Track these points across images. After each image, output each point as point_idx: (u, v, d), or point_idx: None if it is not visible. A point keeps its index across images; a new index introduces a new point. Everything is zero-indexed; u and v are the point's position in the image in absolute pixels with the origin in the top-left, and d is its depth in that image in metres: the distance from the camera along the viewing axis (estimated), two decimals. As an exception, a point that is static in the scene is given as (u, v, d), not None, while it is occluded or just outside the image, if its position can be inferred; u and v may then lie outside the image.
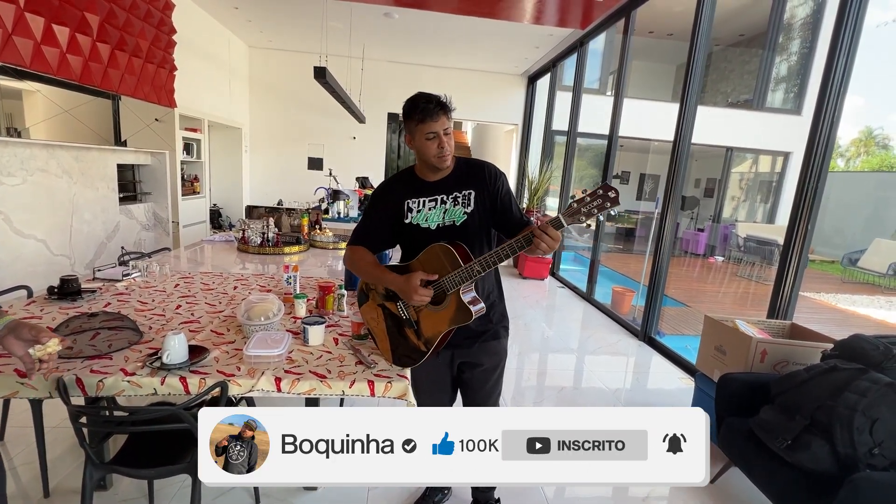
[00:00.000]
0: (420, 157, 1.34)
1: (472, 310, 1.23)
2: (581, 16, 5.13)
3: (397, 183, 1.41)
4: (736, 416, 1.90)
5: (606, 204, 1.03)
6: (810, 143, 2.42)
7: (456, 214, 1.35)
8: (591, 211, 1.04)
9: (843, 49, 2.29)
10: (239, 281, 2.23)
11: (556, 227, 1.08)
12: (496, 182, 1.37)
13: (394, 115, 8.09)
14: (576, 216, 1.06)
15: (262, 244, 2.99)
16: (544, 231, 1.08)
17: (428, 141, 1.28)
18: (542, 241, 1.08)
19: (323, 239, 3.31)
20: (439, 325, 1.28)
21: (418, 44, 6.62)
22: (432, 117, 1.25)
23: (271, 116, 7.41)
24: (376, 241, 1.42)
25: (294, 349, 1.44)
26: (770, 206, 10.67)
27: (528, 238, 1.12)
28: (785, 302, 2.51)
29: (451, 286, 1.23)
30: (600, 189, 1.04)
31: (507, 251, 1.14)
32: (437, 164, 1.30)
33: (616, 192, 1.02)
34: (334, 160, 7.41)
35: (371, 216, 1.41)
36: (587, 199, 1.04)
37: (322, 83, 3.57)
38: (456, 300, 1.25)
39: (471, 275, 1.20)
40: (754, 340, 2.01)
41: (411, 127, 1.30)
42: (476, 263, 1.19)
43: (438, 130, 1.26)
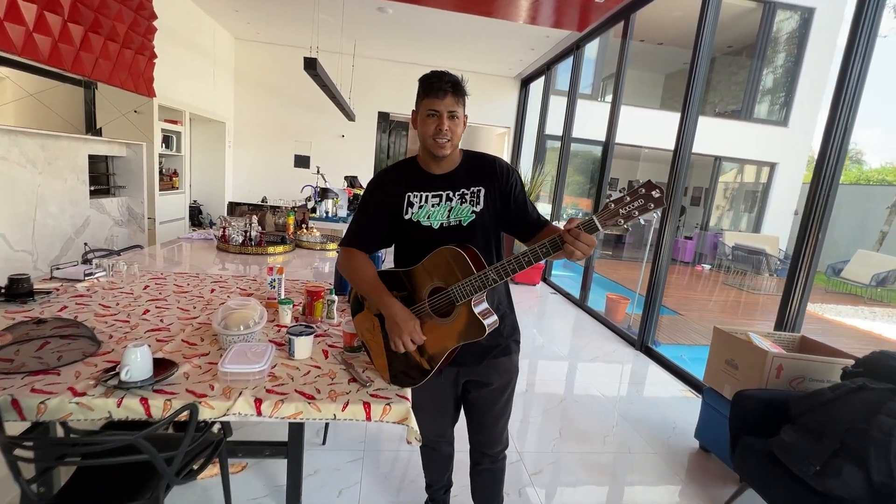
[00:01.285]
0: (420, 140, 1.19)
1: (484, 324, 1.07)
2: (579, 17, 5.04)
3: (397, 173, 1.25)
4: (752, 435, 1.78)
5: (649, 205, 0.88)
6: (821, 156, 2.34)
7: (463, 213, 1.20)
8: (630, 213, 0.90)
9: (857, 59, 2.22)
10: (217, 283, 2.04)
11: (590, 230, 0.93)
12: (509, 179, 1.22)
13: (384, 114, 7.91)
14: (613, 219, 0.91)
15: (244, 243, 2.78)
16: (575, 236, 0.93)
17: (428, 118, 1.14)
18: (576, 248, 0.93)
19: (310, 239, 3.12)
20: (446, 341, 1.12)
21: (411, 42, 6.46)
22: (438, 94, 1.10)
23: (257, 111, 7.16)
24: (374, 241, 1.26)
25: (278, 363, 1.27)
26: (756, 215, 10.79)
27: (554, 243, 0.97)
28: (793, 314, 2.42)
29: (462, 296, 1.08)
30: (642, 188, 0.89)
31: (529, 257, 0.99)
32: (433, 149, 1.15)
33: (661, 190, 0.88)
34: (322, 158, 7.20)
35: (368, 211, 1.24)
36: (626, 200, 0.90)
37: (312, 75, 3.39)
38: (467, 313, 1.09)
39: (485, 284, 1.04)
40: (770, 355, 1.90)
41: (417, 102, 1.17)
42: (492, 271, 1.03)
43: (441, 110, 1.11)
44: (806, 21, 9.64)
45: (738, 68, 10.78)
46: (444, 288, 1.11)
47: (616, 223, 0.91)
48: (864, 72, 2.25)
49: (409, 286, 1.17)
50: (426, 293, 1.14)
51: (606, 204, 0.92)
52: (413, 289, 1.17)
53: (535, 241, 1.20)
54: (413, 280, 1.16)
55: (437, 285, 1.12)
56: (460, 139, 1.17)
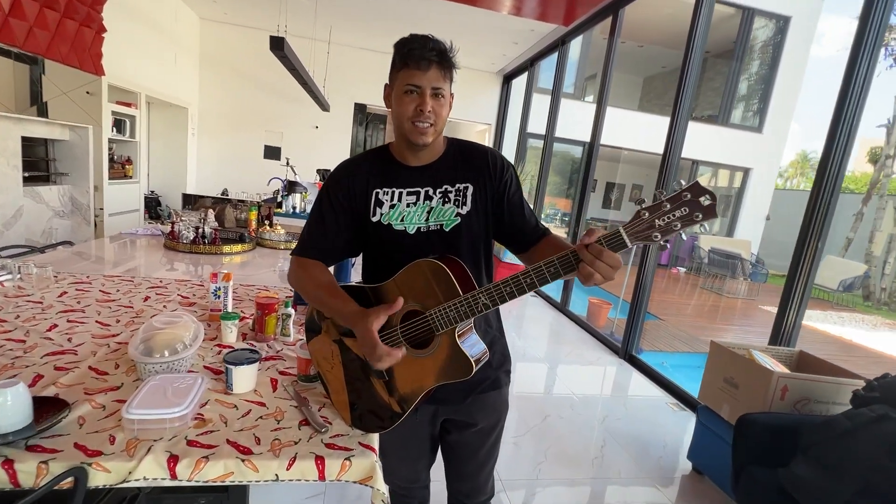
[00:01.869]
0: (395, 123, 0.94)
1: (472, 360, 0.84)
2: (565, 11, 4.87)
3: (364, 163, 1.00)
4: (758, 464, 1.63)
5: (696, 215, 0.66)
6: (822, 168, 2.21)
7: (445, 216, 0.96)
8: (670, 225, 0.68)
9: (862, 65, 2.09)
10: (155, 289, 1.74)
11: (616, 247, 0.71)
12: (503, 175, 0.99)
13: (361, 106, 7.58)
14: (646, 232, 0.69)
15: (196, 240, 2.47)
16: (596, 254, 0.71)
17: (405, 95, 0.89)
18: (595, 269, 0.71)
19: (273, 237, 2.83)
20: (423, 379, 0.89)
21: (391, 30, 6.16)
22: (419, 64, 0.86)
23: (224, 97, 6.71)
24: (333, 249, 1.01)
25: (210, 400, 1.00)
26: (729, 219, 10.97)
27: (566, 261, 0.75)
28: (789, 328, 2.30)
29: (444, 324, 0.84)
30: (686, 192, 0.67)
31: (532, 279, 0.77)
32: (411, 135, 0.91)
33: (712, 196, 0.66)
34: (294, 150, 6.81)
35: (325, 212, 0.98)
36: (665, 207, 0.68)
37: (279, 56, 3.08)
38: (449, 345, 0.86)
39: (473, 310, 0.81)
40: (776, 375, 1.75)
41: (392, 74, 0.92)
42: (483, 294, 0.80)
43: (423, 85, 0.88)
44: (782, 30, 9.81)
45: (715, 74, 10.91)
46: (420, 312, 0.87)
47: (649, 237, 0.69)
48: (869, 80, 2.14)
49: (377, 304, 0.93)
50: (398, 317, 0.90)
51: (638, 212, 0.70)
52: (382, 310, 0.93)
53: (534, 254, 0.98)
54: (382, 300, 0.92)
55: (412, 308, 0.89)
56: (445, 124, 0.93)
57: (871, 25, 2.10)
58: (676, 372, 3.91)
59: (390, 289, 0.91)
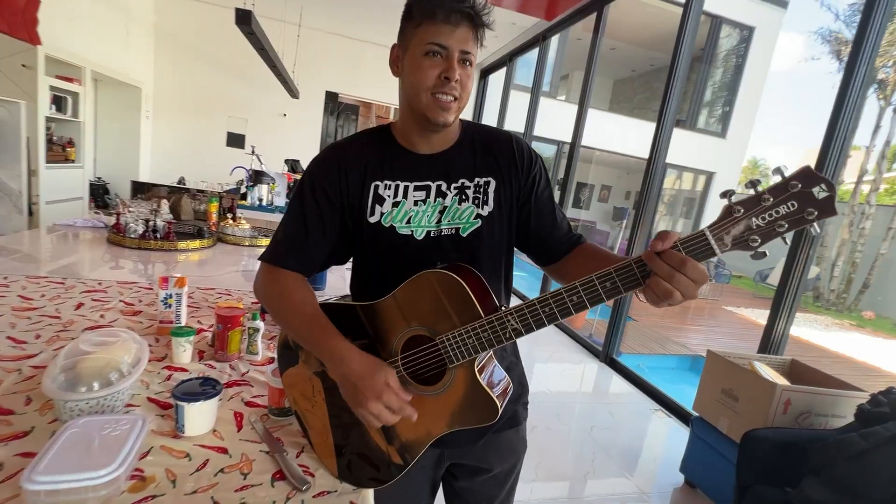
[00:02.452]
0: (407, 95, 0.74)
1: (496, 402, 0.67)
2: (547, 4, 4.75)
3: (358, 148, 0.79)
4: (763, 483, 1.54)
5: (809, 212, 0.50)
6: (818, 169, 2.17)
7: (462, 217, 0.78)
8: (774, 225, 0.51)
9: (859, 73, 2.06)
10: (91, 293, 1.46)
11: (702, 254, 0.55)
12: (531, 168, 0.82)
13: (332, 95, 7.23)
14: (743, 235, 0.53)
15: (146, 235, 2.17)
16: (676, 265, 0.54)
17: (425, 58, 0.69)
18: (675, 286, 0.54)
19: (237, 232, 2.55)
20: (432, 424, 0.71)
21: (366, 17, 5.87)
22: (448, 16, 0.67)
23: (183, 78, 6.20)
24: (314, 257, 0.80)
25: (153, 448, 0.78)
26: (693, 221, 11.33)
27: (629, 273, 0.58)
28: (779, 336, 2.26)
29: (460, 355, 0.66)
30: (795, 180, 0.50)
31: (582, 296, 0.59)
32: (429, 111, 0.71)
33: (828, 186, 0.50)
34: (259, 138, 6.39)
35: (307, 210, 0.77)
36: (767, 201, 0.52)
37: (246, 32, 2.78)
38: (467, 382, 0.68)
39: (500, 337, 0.64)
40: (779, 388, 1.68)
41: (405, 32, 0.72)
42: (513, 317, 0.63)
43: (451, 46, 0.69)
44: (746, 39, 10.15)
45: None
46: (428, 338, 0.69)
47: (745, 242, 0.53)
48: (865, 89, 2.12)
49: (371, 331, 0.74)
50: (398, 344, 0.72)
51: (729, 209, 0.53)
52: (377, 336, 0.74)
53: (567, 266, 0.81)
54: (378, 322, 0.73)
55: (416, 332, 0.70)
56: (469, 100, 0.75)
57: (866, 44, 2.07)
58: (653, 374, 3.90)
59: (389, 308, 0.72)
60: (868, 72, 2.08)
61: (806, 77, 41.75)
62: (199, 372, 1.06)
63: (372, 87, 7.07)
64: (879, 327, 8.66)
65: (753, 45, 10.04)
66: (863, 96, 2.08)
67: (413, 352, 0.71)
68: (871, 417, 1.49)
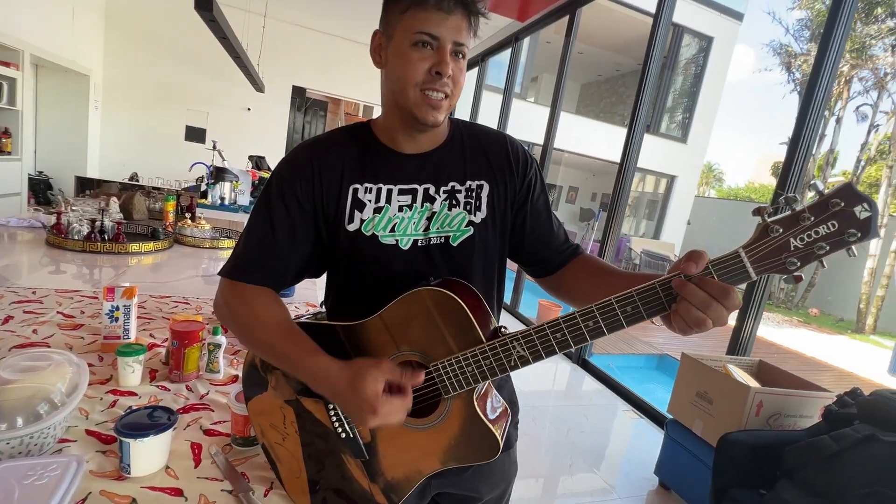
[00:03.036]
0: (390, 88, 0.66)
1: (497, 437, 0.60)
2: (519, 4, 4.75)
3: (334, 147, 0.71)
4: (739, 486, 1.56)
5: (851, 234, 0.46)
6: (784, 175, 2.24)
7: (453, 224, 0.70)
8: (814, 248, 0.47)
9: (823, 81, 2.14)
10: (23, 304, 1.29)
11: (737, 278, 0.50)
12: (527, 171, 0.75)
13: (300, 90, 6.99)
14: (780, 258, 0.48)
15: (91, 236, 1.97)
16: (717, 294, 0.48)
17: (413, 50, 0.62)
18: (707, 313, 0.49)
19: (196, 233, 2.37)
20: (422, 460, 0.63)
21: (336, 12, 5.70)
22: (441, 4, 0.60)
23: (136, 67, 5.81)
24: (285, 269, 0.70)
25: (91, 493, 0.67)
26: (656, 223, 11.73)
27: (654, 297, 0.52)
28: (746, 336, 2.32)
29: (457, 385, 0.59)
30: (837, 197, 0.46)
31: (599, 321, 0.53)
32: (417, 109, 0.64)
33: (870, 204, 0.46)
34: (221, 133, 6.10)
35: (275, 217, 0.68)
36: (807, 220, 0.47)
37: (207, 19, 2.60)
38: (464, 415, 0.61)
39: (504, 365, 0.57)
40: (752, 391, 1.70)
41: (388, 18, 0.64)
42: (520, 343, 0.57)
43: (443, 36, 0.61)
44: (705, 49, 10.59)
45: (647, 85, 11.56)
46: (421, 365, 0.61)
47: (782, 265, 0.48)
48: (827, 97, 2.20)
49: (354, 356, 0.65)
50: (388, 370, 0.64)
51: (766, 227, 0.48)
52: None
53: (565, 279, 0.76)
54: (362, 345, 0.65)
55: (407, 358, 0.63)
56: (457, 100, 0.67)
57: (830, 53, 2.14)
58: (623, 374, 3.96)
59: (376, 329, 0.64)
60: (828, 88, 2.16)
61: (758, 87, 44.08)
62: (150, 396, 0.93)
63: (342, 84, 6.88)
64: (823, 323, 9.25)
65: (712, 54, 10.48)
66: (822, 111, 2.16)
67: (402, 379, 0.63)
68: (838, 418, 1.53)
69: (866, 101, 10.04)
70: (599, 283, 0.69)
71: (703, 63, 10.57)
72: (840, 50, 2.17)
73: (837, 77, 9.29)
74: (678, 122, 11.41)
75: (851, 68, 9.46)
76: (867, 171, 10.90)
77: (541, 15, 4.69)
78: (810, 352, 6.69)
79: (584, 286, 0.72)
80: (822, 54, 2.14)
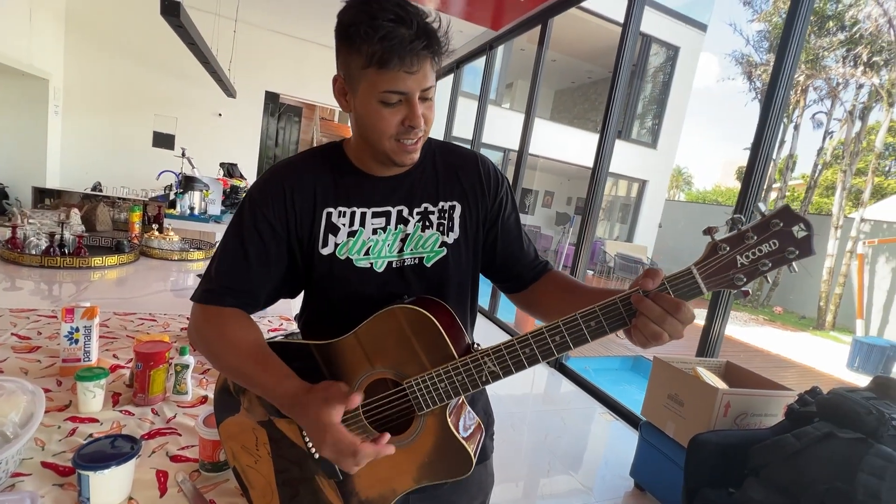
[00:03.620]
0: (361, 131, 0.66)
1: (470, 452, 0.61)
2: (493, 14, 4.82)
3: (307, 170, 0.70)
4: (710, 486, 1.60)
5: (790, 251, 0.49)
6: (746, 179, 2.34)
7: (426, 246, 0.71)
8: (757, 264, 0.50)
9: (781, 88, 2.25)
10: (-26, 326, 1.22)
11: (689, 294, 0.52)
12: (498, 190, 0.77)
13: (273, 95, 6.89)
14: (728, 274, 0.51)
15: (50, 250, 1.88)
16: (670, 309, 0.51)
17: (384, 108, 0.61)
18: (664, 327, 0.51)
19: (164, 245, 2.30)
20: (396, 479, 0.63)
21: (309, 16, 5.65)
22: (405, 62, 0.58)
23: (99, 70, 5.60)
24: (258, 293, 0.69)
25: (47, 530, 0.63)
26: (629, 226, 12.03)
27: (616, 312, 0.54)
28: (715, 338, 2.40)
29: (430, 401, 0.60)
30: (776, 218, 0.49)
31: (565, 336, 0.55)
32: (394, 155, 0.65)
33: (807, 225, 0.49)
34: (191, 139, 5.93)
35: (248, 241, 0.67)
36: (751, 239, 0.50)
37: (174, 24, 2.53)
38: (438, 431, 0.61)
39: (476, 381, 0.58)
40: (720, 393, 1.76)
41: (350, 67, 0.62)
42: (490, 359, 0.57)
43: (412, 90, 0.60)
44: (672, 58, 10.98)
45: (618, 92, 11.90)
46: (395, 382, 0.61)
47: (730, 281, 0.51)
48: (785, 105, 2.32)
49: (329, 374, 0.65)
50: (360, 388, 0.63)
51: (714, 246, 0.51)
52: (335, 380, 0.65)
53: (535, 295, 0.77)
54: (337, 363, 0.64)
55: (381, 375, 0.62)
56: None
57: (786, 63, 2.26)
58: (599, 376, 4.04)
59: (350, 347, 0.64)
60: (786, 97, 2.28)
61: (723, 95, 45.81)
62: (113, 422, 0.90)
63: (316, 89, 6.81)
64: (787, 321, 9.67)
65: (679, 63, 10.88)
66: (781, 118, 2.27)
67: (377, 397, 0.63)
68: (800, 417, 1.60)
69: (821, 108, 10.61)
70: (568, 299, 0.70)
71: (671, 71, 10.95)
72: (795, 60, 2.29)
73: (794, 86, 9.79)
74: (648, 128, 11.78)
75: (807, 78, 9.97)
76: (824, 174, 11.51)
77: (514, 24, 4.78)
78: (775, 349, 6.97)
79: (554, 302, 0.74)
80: (779, 64, 2.26)
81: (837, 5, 9.57)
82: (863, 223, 8.88)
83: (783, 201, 10.92)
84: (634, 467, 2.15)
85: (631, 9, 3.33)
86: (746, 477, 1.54)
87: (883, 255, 8.74)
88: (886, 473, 1.25)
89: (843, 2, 9.49)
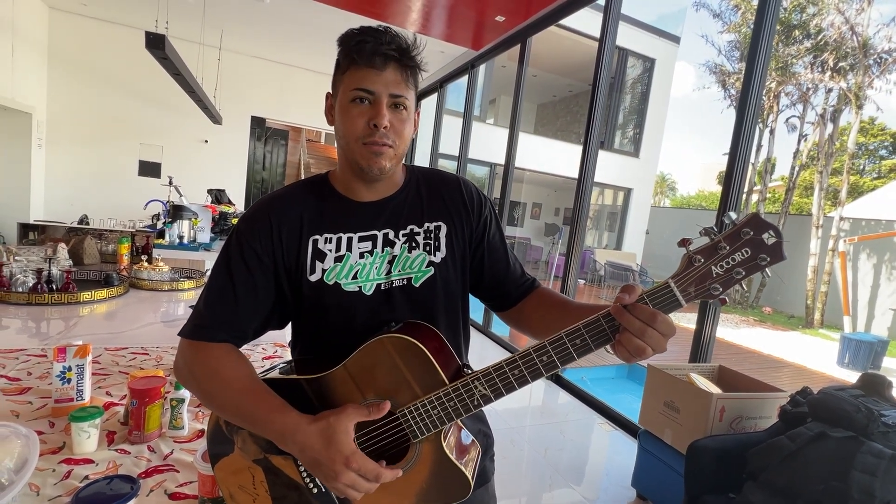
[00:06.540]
0: (340, 144, 0.70)
1: (468, 477, 0.62)
2: (473, 35, 4.95)
3: (293, 200, 0.72)
4: (710, 492, 1.61)
5: (762, 258, 0.51)
6: (727, 183, 2.41)
7: (413, 266, 0.73)
8: (732, 273, 0.53)
9: (753, 94, 2.34)
10: (-38, 370, 1.20)
11: (669, 307, 0.55)
12: (482, 210, 0.79)
13: (259, 120, 6.93)
14: (704, 285, 0.53)
15: (38, 287, 1.86)
16: (647, 320, 0.53)
17: (352, 105, 0.65)
18: (646, 341, 0.54)
19: (154, 276, 2.28)
20: (397, 506, 0.64)
21: (292, 41, 5.75)
22: (371, 60, 0.64)
23: (82, 103, 5.61)
24: (249, 327, 0.70)
25: (45, 578, 0.63)
26: (617, 234, 12.18)
27: (599, 329, 0.56)
28: (706, 342, 2.43)
29: (425, 428, 0.61)
30: (746, 227, 0.52)
31: (552, 355, 0.57)
32: (362, 160, 0.67)
33: (776, 232, 0.52)
34: (178, 167, 5.94)
35: (235, 273, 0.68)
36: (723, 249, 0.53)
37: (159, 57, 2.56)
38: (434, 458, 0.62)
39: (468, 405, 0.60)
40: (714, 398, 1.78)
41: (336, 78, 0.69)
42: (481, 382, 0.59)
43: (378, 90, 0.64)
44: (649, 70, 11.29)
45: (599, 104, 12.18)
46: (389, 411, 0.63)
47: (707, 291, 0.54)
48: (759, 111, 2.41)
49: (321, 407, 0.65)
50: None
51: (689, 258, 0.54)
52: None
53: (524, 312, 0.79)
54: (328, 396, 0.65)
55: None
56: (407, 147, 0.71)
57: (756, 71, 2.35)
58: (596, 386, 4.05)
59: (340, 379, 0.65)
60: (758, 103, 2.37)
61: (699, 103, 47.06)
62: (109, 462, 0.89)
63: (301, 113, 6.88)
64: (777, 321, 9.79)
65: (655, 74, 11.19)
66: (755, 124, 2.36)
67: (371, 427, 0.63)
68: (793, 418, 1.63)
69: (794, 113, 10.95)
70: (555, 315, 0.72)
71: (648, 82, 11.25)
72: (765, 68, 2.38)
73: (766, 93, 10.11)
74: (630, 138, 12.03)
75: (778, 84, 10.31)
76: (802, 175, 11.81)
77: (494, 44, 4.90)
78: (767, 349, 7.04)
79: (542, 319, 0.76)
80: (750, 72, 2.35)
81: (802, 15, 9.97)
82: (842, 221, 9.10)
83: (764, 203, 11.18)
84: (635, 477, 2.15)
85: (606, 24, 3.45)
86: (745, 481, 1.55)
87: (864, 251, 8.94)
88: (878, 470, 1.28)
89: (808, 11, 9.89)
